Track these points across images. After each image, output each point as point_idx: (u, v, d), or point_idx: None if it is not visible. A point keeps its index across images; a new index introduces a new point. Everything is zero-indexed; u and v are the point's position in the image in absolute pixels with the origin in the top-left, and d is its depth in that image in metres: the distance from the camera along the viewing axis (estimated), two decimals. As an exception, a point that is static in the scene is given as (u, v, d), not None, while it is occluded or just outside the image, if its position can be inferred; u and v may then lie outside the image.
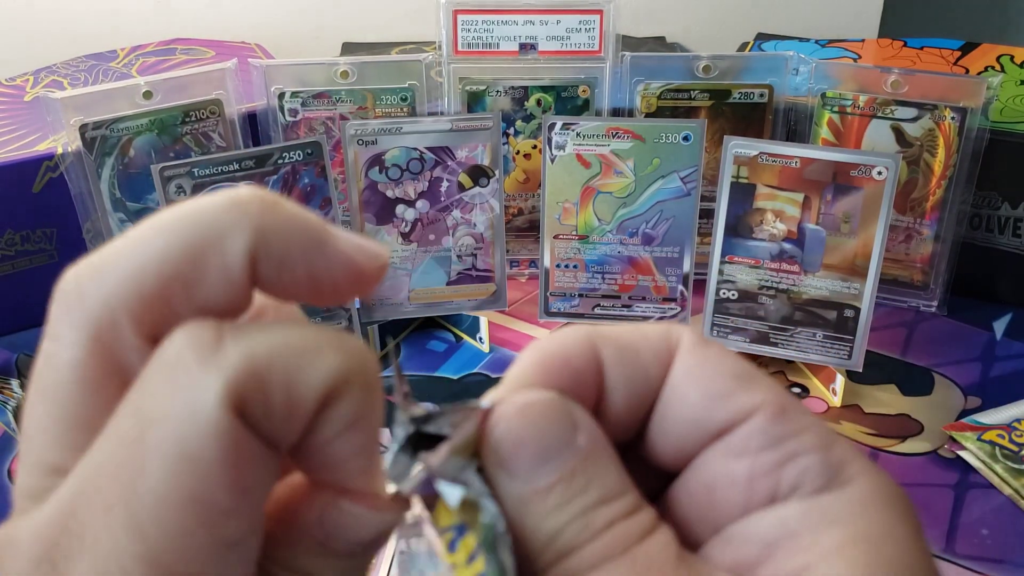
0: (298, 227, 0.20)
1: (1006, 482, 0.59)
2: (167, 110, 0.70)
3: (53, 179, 0.71)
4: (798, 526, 0.21)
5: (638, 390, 0.23)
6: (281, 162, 0.66)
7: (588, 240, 0.70)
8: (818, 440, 0.21)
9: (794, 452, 0.21)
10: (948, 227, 0.72)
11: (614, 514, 0.20)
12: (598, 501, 0.20)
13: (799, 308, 0.66)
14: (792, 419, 0.22)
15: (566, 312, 0.72)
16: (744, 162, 0.64)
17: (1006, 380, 0.69)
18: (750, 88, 0.75)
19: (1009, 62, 0.84)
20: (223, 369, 0.18)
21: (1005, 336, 0.74)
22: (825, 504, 0.21)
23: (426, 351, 0.73)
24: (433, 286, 0.71)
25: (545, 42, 0.75)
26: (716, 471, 0.22)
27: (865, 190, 0.63)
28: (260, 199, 0.19)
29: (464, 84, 0.76)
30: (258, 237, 0.19)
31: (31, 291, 0.74)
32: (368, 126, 0.67)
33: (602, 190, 0.68)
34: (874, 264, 0.63)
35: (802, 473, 0.21)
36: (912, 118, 0.71)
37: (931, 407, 0.66)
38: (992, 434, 0.62)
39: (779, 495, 0.21)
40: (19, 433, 0.21)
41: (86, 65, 0.89)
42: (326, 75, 0.74)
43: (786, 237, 0.65)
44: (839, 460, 0.21)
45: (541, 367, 0.22)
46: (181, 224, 0.19)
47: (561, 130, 0.67)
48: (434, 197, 0.69)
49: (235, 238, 0.19)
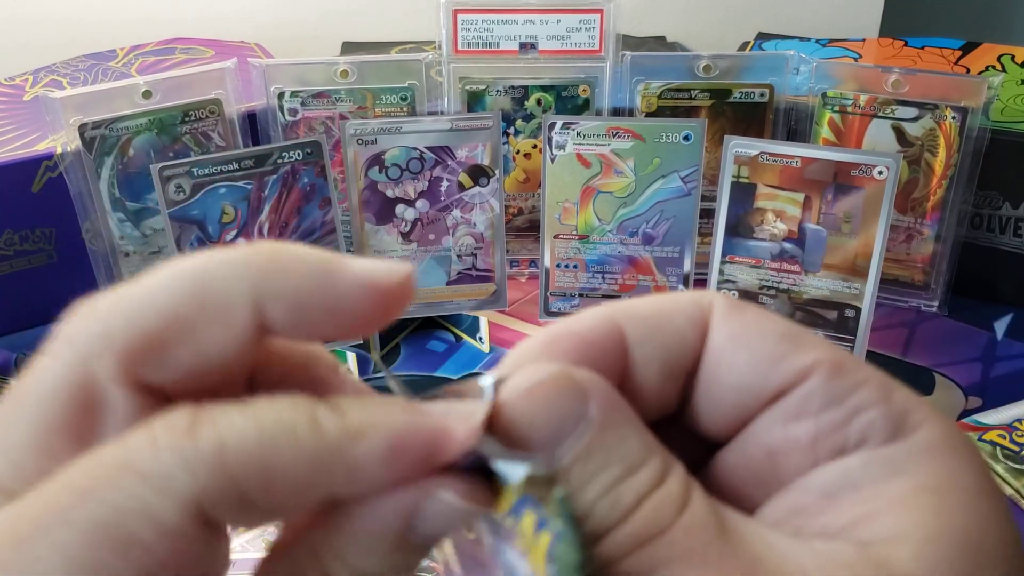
0: (302, 264, 0.19)
1: (1007, 482, 0.58)
2: (166, 110, 0.70)
3: (52, 179, 0.71)
4: (861, 478, 0.20)
5: (675, 360, 0.22)
6: (281, 162, 0.66)
7: (588, 240, 0.70)
8: (879, 392, 0.21)
9: (857, 408, 0.20)
10: (949, 227, 0.72)
11: (642, 487, 0.19)
12: (623, 474, 0.19)
13: (800, 308, 0.65)
14: (850, 374, 0.21)
15: (566, 312, 0.72)
16: (745, 162, 0.64)
17: (1007, 380, 0.69)
18: (751, 88, 0.75)
19: (1010, 62, 0.84)
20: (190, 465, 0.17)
21: (1006, 336, 0.74)
22: (889, 455, 0.20)
23: (426, 351, 0.73)
24: (433, 286, 0.71)
25: (545, 41, 0.75)
26: (776, 436, 0.21)
27: (866, 190, 0.62)
28: (263, 247, 0.19)
29: (464, 84, 0.76)
30: (260, 280, 0.19)
31: (30, 291, 0.74)
32: (368, 126, 0.67)
33: (602, 190, 0.68)
34: (875, 264, 0.63)
35: (867, 427, 0.20)
36: (913, 118, 0.71)
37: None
38: (993, 434, 0.62)
39: (846, 451, 0.20)
40: None
41: (85, 65, 0.88)
42: (326, 75, 0.74)
43: (787, 237, 0.65)
44: (902, 409, 0.21)
45: (548, 345, 0.21)
46: (184, 270, 0.19)
47: (561, 130, 0.67)
48: (434, 197, 0.69)
49: (236, 283, 0.19)
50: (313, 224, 0.68)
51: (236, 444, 0.17)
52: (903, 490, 0.20)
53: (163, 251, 0.71)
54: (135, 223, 0.71)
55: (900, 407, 0.21)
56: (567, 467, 0.19)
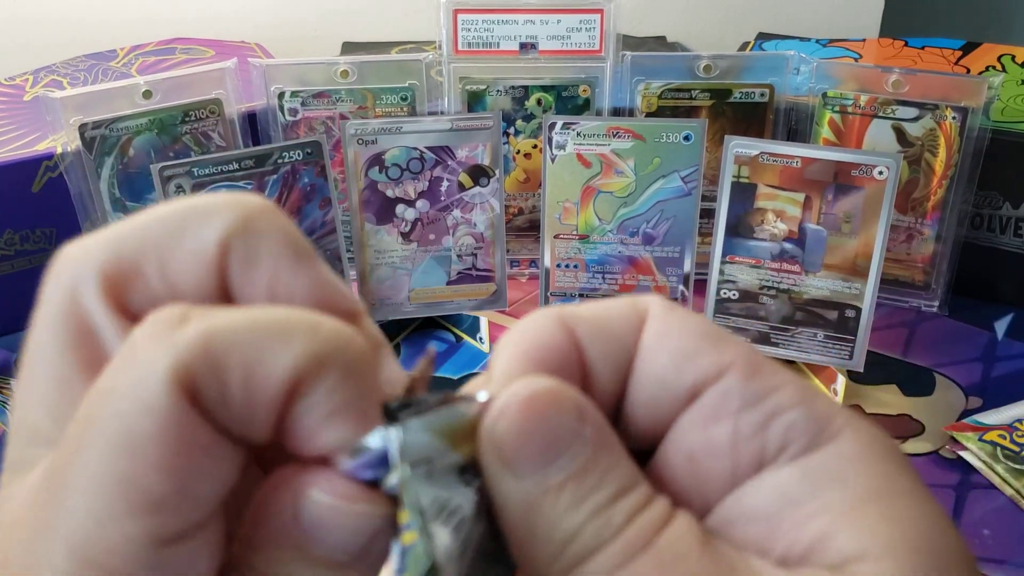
0: (278, 234, 0.19)
1: (1007, 483, 0.58)
2: (167, 110, 0.70)
3: (52, 179, 0.71)
4: (797, 492, 0.19)
5: (617, 365, 0.21)
6: (281, 162, 0.66)
7: (588, 240, 0.70)
8: (798, 395, 0.20)
9: (776, 409, 0.20)
10: (949, 227, 0.72)
11: (632, 507, 0.19)
12: (615, 495, 0.19)
13: (800, 308, 0.65)
14: (768, 376, 0.20)
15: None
16: (745, 162, 0.64)
17: (1007, 380, 0.69)
18: (751, 88, 0.75)
19: (1010, 62, 0.84)
20: (175, 346, 0.17)
21: (1006, 336, 0.73)
22: (819, 463, 0.19)
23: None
24: (433, 286, 0.71)
25: (545, 41, 0.75)
26: (695, 439, 0.20)
27: (866, 190, 0.62)
28: (256, 202, 0.19)
29: (464, 84, 0.76)
30: (235, 227, 0.19)
31: (31, 291, 0.73)
32: (368, 126, 0.67)
33: (603, 190, 0.68)
34: (875, 264, 0.63)
35: (788, 430, 0.20)
36: (913, 118, 0.71)
37: (932, 407, 0.66)
38: (993, 434, 0.62)
39: (767, 458, 0.20)
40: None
41: (86, 65, 0.88)
42: (326, 75, 0.74)
43: (787, 237, 0.65)
44: (824, 414, 0.20)
45: (526, 358, 0.21)
46: (171, 205, 0.20)
47: (561, 130, 0.67)
48: (434, 197, 0.69)
49: (213, 221, 0.19)
50: (313, 224, 0.68)
51: (225, 326, 0.17)
52: (846, 501, 0.19)
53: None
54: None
55: (821, 411, 0.20)
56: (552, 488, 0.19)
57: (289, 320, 0.18)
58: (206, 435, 0.17)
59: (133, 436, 0.16)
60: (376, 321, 0.71)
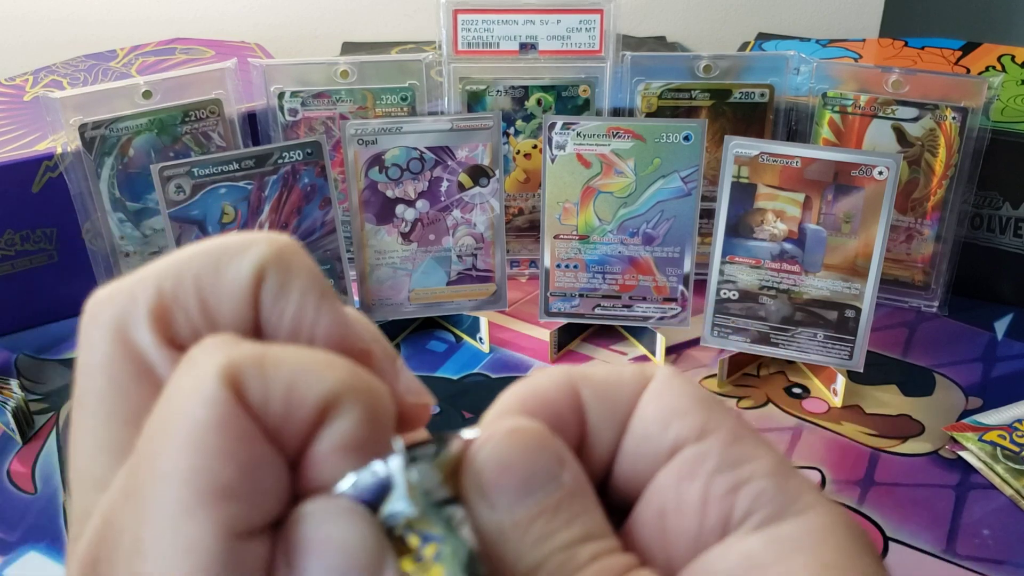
0: (307, 269, 0.20)
1: (1007, 483, 0.58)
2: (167, 110, 0.70)
3: (52, 179, 0.71)
4: (763, 557, 0.20)
5: (617, 428, 0.22)
6: (281, 162, 0.66)
7: (588, 240, 0.70)
8: (773, 466, 0.21)
9: (749, 476, 0.21)
10: (949, 227, 0.72)
11: (597, 551, 0.20)
12: (582, 537, 0.20)
13: (800, 308, 0.65)
14: (748, 444, 0.21)
15: (566, 312, 0.72)
16: (745, 162, 0.64)
17: (1007, 381, 0.69)
18: (751, 88, 0.75)
19: (1010, 62, 0.84)
20: (230, 351, 0.18)
21: (1006, 336, 0.74)
22: (786, 532, 0.20)
23: (426, 351, 0.73)
24: (433, 286, 0.71)
25: (545, 42, 0.75)
26: (668, 496, 0.21)
27: (866, 190, 0.62)
28: (287, 240, 0.21)
29: (464, 84, 0.76)
30: (269, 257, 0.20)
31: (31, 291, 0.74)
32: (368, 126, 0.67)
33: (603, 190, 0.68)
34: (875, 264, 0.63)
35: (756, 498, 0.20)
36: (913, 118, 0.71)
37: (932, 408, 0.66)
38: (993, 435, 0.62)
39: (732, 523, 0.20)
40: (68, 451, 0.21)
41: (85, 65, 0.88)
42: (326, 75, 0.74)
43: (787, 237, 0.65)
44: (795, 489, 0.21)
45: (522, 406, 0.22)
46: (207, 241, 0.21)
47: (561, 130, 0.67)
48: (434, 197, 0.69)
49: (250, 252, 0.20)
50: (313, 224, 0.68)
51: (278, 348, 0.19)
52: (809, 569, 0.19)
53: (163, 251, 0.71)
54: (135, 223, 0.71)
55: (793, 486, 0.21)
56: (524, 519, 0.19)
57: (332, 358, 0.19)
58: (255, 430, 0.18)
59: (195, 427, 0.17)
60: (376, 321, 0.71)
